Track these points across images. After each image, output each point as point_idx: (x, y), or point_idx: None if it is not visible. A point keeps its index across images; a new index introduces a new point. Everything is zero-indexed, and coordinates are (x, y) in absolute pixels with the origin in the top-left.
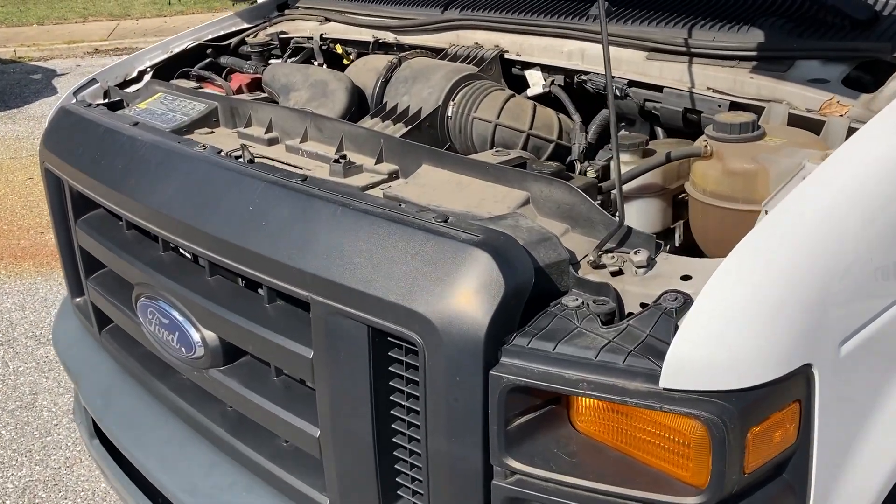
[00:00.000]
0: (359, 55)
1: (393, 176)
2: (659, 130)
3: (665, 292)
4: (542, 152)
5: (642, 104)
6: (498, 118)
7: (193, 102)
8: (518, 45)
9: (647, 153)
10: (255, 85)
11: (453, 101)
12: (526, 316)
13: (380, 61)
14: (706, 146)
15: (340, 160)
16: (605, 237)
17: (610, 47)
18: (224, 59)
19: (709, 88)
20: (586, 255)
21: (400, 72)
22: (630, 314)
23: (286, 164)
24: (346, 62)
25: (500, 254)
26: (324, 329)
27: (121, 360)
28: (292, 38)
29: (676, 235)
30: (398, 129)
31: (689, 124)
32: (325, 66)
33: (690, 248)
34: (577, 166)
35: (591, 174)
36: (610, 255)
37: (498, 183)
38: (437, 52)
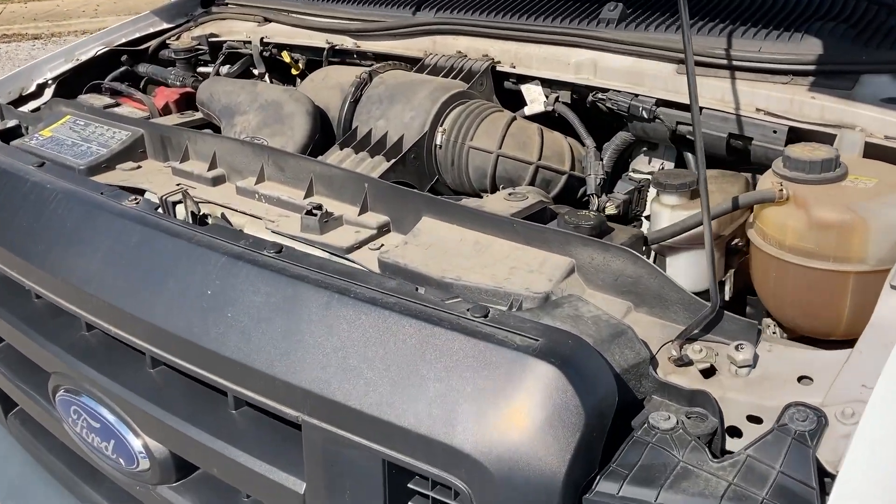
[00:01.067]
0: (309, 64)
1: (383, 230)
2: (689, 157)
3: (788, 407)
4: (553, 186)
5: (674, 128)
6: (500, 147)
7: (112, 129)
8: (512, 55)
9: (697, 193)
10: (186, 101)
11: (442, 126)
12: (606, 443)
13: (343, 74)
14: (781, 189)
15: (315, 211)
16: (690, 325)
17: (629, 58)
18: (142, 68)
19: (759, 110)
20: (664, 347)
21: (372, 89)
22: (731, 428)
23: (244, 213)
24: (294, 72)
25: (572, 366)
26: (321, 458)
27: (34, 453)
28: (225, 41)
29: (727, 288)
30: (378, 164)
31: (732, 152)
32: (267, 77)
33: (739, 300)
34: (594, 201)
35: (610, 210)
36: (696, 347)
37: (528, 244)
38: (409, 63)
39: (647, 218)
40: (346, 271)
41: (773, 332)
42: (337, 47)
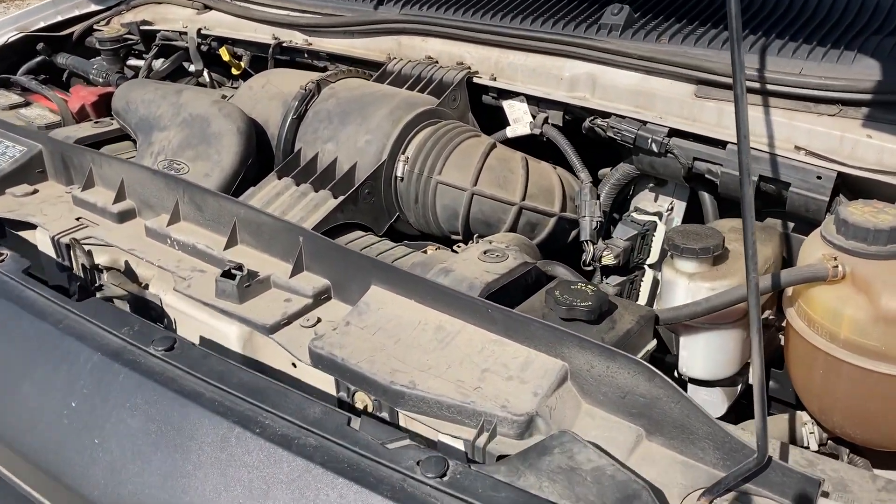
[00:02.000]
0: (254, 62)
1: (322, 298)
2: (706, 198)
3: None
4: (539, 230)
5: (690, 164)
6: (476, 183)
7: (6, 141)
8: (492, 64)
9: (721, 258)
10: (107, 103)
11: (405, 154)
12: None
13: (288, 81)
14: (836, 265)
15: (234, 272)
16: (728, 476)
17: (635, 74)
18: (61, 59)
19: (798, 149)
20: (689, 498)
21: (320, 102)
22: None
23: (151, 263)
24: (235, 72)
25: None
26: None
27: None
28: (158, 30)
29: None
30: (323, 201)
31: (762, 196)
32: (207, 75)
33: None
34: (588, 249)
35: (608, 260)
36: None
37: (508, 336)
38: (369, 69)
39: (652, 266)
40: (256, 387)
41: (812, 432)
42: (285, 44)
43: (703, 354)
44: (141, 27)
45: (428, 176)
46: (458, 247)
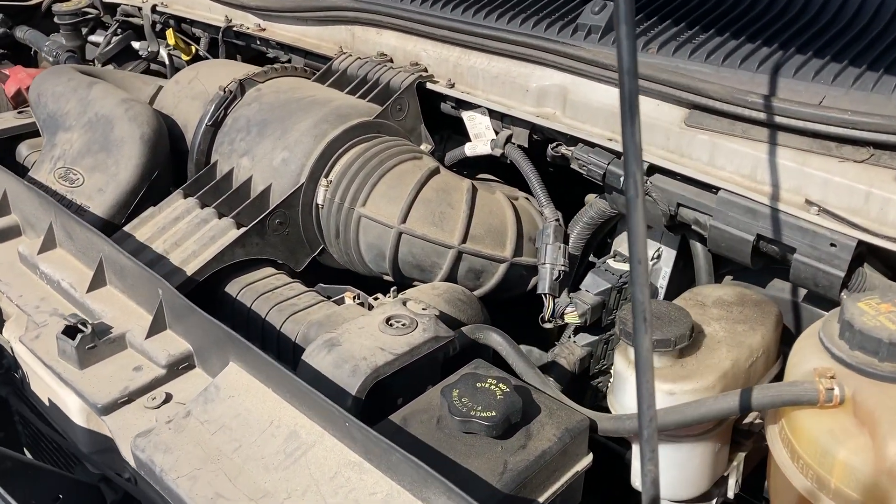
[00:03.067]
0: (212, 46)
1: (179, 368)
2: (698, 249)
3: None
4: (485, 278)
5: (674, 211)
6: (405, 220)
7: None
8: (452, 67)
9: (692, 347)
10: None
11: (328, 178)
12: None
13: (217, 78)
14: (831, 385)
15: (80, 328)
16: None
17: (615, 90)
18: (20, 32)
19: (810, 203)
20: None
21: (242, 108)
22: None
23: (10, 300)
24: (185, 58)
25: None
26: None
27: None
28: (119, 4)
29: (732, 483)
30: (226, 229)
31: (760, 256)
32: (166, 57)
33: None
34: (548, 303)
35: (571, 318)
36: None
37: (367, 460)
38: (322, 62)
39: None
40: None
41: None
42: (235, 28)
43: (664, 470)
44: (103, 0)
45: (350, 207)
46: (376, 298)
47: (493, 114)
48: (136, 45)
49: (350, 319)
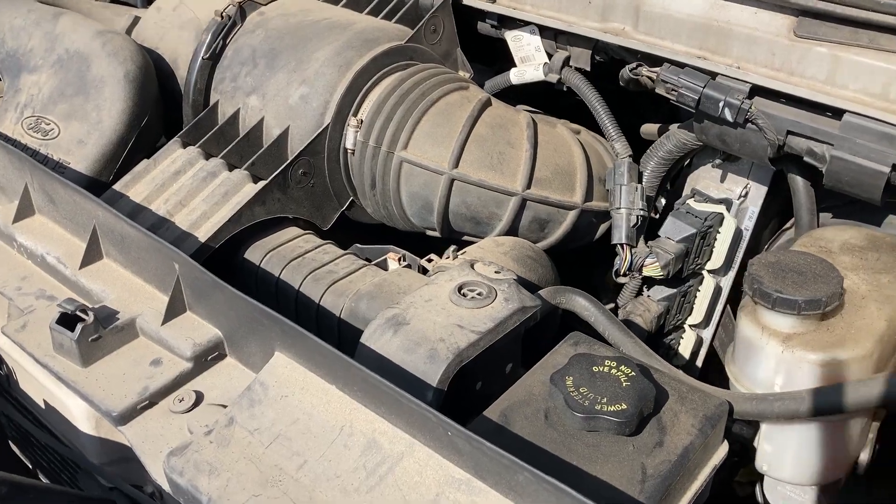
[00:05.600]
0: None
1: (208, 360)
2: (798, 184)
3: None
4: (552, 227)
5: (782, 141)
6: (458, 164)
7: None
8: None
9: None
10: None
11: (357, 116)
12: None
13: (203, 1)
14: None
15: (79, 316)
16: None
17: (698, 4)
18: None
19: None
20: None
21: (244, 36)
22: None
23: None
24: None
25: None
26: None
27: None
28: None
29: (865, 458)
30: (240, 183)
31: (892, 193)
32: None
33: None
34: (625, 255)
35: (652, 270)
36: None
37: (478, 476)
38: None
39: (714, 272)
40: None
41: None
42: None
43: (794, 454)
44: None
45: (389, 150)
46: (429, 259)
47: (544, 32)
48: None
49: (406, 288)
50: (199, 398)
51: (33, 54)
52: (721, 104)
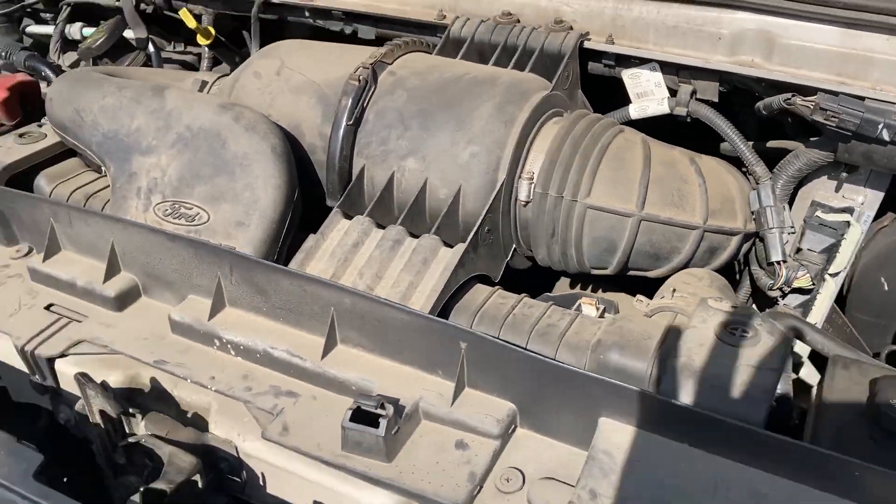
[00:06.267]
0: (219, 27)
1: (508, 434)
2: None
3: None
4: (718, 254)
5: None
6: (643, 206)
7: None
8: (609, 21)
9: None
10: (23, 96)
11: (528, 169)
12: None
13: (314, 63)
14: None
15: (376, 412)
16: None
17: (837, 29)
18: None
19: None
20: None
21: (383, 98)
22: None
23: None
24: (204, 41)
25: None
26: None
27: None
28: None
29: None
30: (432, 252)
31: None
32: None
33: None
34: (781, 271)
35: (803, 283)
36: None
37: None
38: (407, 30)
39: (834, 276)
40: None
41: None
42: (275, 0)
43: None
44: None
45: (572, 199)
46: (639, 299)
47: (664, 68)
48: (128, 34)
49: (646, 333)
50: (523, 475)
51: (142, 135)
52: (881, 126)
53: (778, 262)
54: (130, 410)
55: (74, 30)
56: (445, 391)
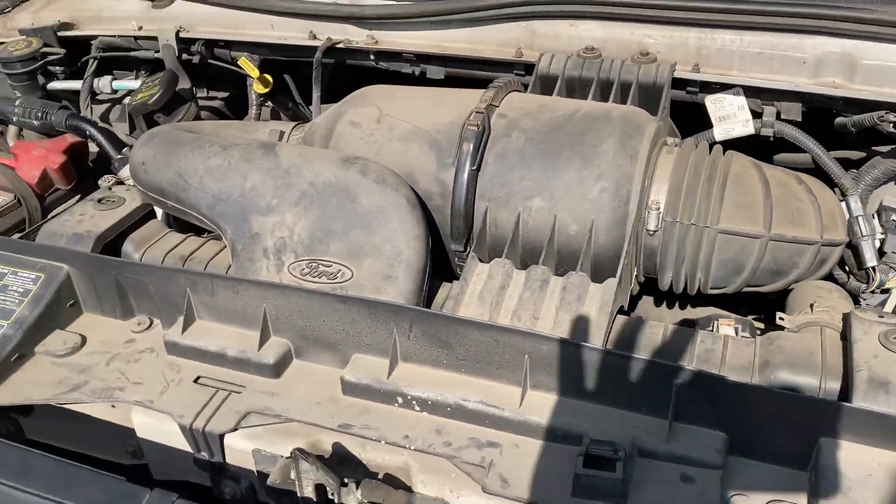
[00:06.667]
0: (271, 70)
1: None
2: None
3: None
4: (825, 264)
5: None
6: (770, 227)
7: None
8: (694, 51)
9: None
10: (74, 157)
11: (654, 199)
12: None
13: (414, 109)
14: None
15: (610, 455)
16: None
17: None
18: None
19: None
20: None
21: (500, 141)
22: None
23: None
24: (261, 90)
25: None
26: None
27: None
28: (95, 35)
29: None
30: (582, 288)
31: None
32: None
33: None
34: (876, 276)
35: (893, 283)
36: None
37: None
38: (482, 67)
39: None
40: None
41: None
42: (341, 44)
43: None
44: (59, 32)
45: (704, 226)
46: (781, 317)
47: (747, 91)
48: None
49: (808, 349)
50: (753, 500)
51: (259, 194)
52: None
53: (872, 268)
54: (345, 480)
55: (104, 84)
56: (654, 427)
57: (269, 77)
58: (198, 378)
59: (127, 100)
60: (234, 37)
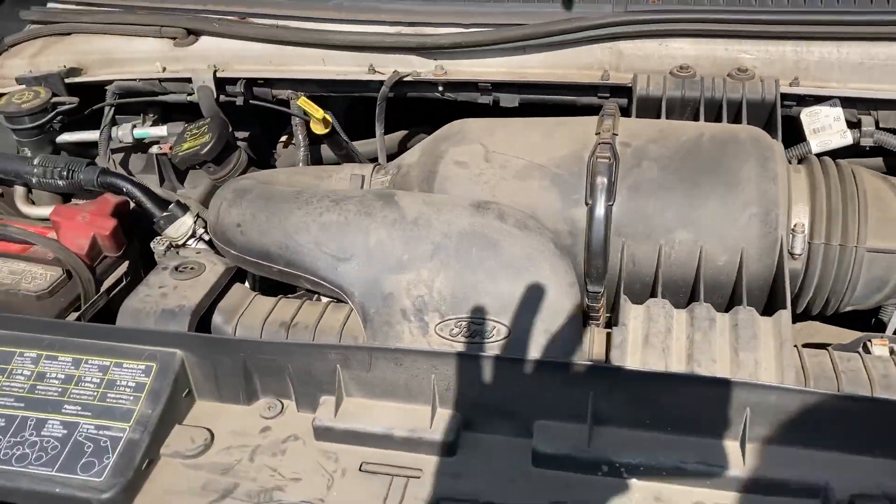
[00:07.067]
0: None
1: None
2: None
3: None
4: None
5: None
6: None
7: (92, 359)
8: (791, 64)
9: None
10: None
11: (798, 221)
12: None
13: (520, 144)
14: None
15: None
16: None
17: None
18: None
19: None
20: None
21: (631, 172)
22: None
23: None
24: (321, 131)
25: None
26: None
27: None
28: (111, 80)
29: None
30: (754, 323)
31: None
32: (301, 139)
33: None
34: None
35: None
36: None
37: None
38: (562, 92)
39: None
40: None
41: None
42: (409, 77)
43: None
44: (67, 79)
45: (853, 246)
46: None
47: (843, 102)
48: (155, 130)
49: None
50: None
51: (386, 251)
52: None
53: None
54: None
55: (124, 132)
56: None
57: (329, 118)
58: (361, 465)
59: (154, 149)
60: (277, 74)
